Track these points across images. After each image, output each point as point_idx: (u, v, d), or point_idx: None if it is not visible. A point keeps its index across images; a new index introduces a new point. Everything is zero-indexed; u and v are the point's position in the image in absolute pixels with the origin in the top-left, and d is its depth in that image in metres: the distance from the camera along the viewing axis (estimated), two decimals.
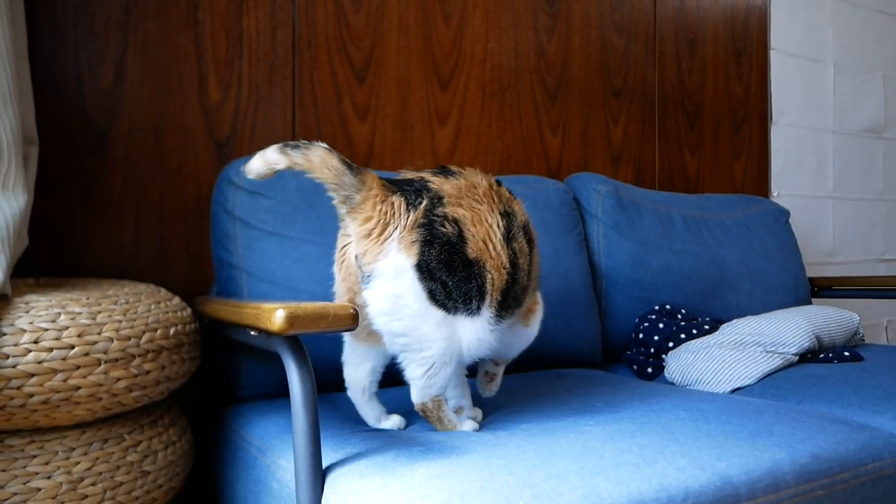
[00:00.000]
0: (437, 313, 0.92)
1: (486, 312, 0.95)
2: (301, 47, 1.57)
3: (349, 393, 1.05)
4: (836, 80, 2.67)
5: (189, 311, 1.15)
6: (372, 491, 0.76)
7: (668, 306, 1.70)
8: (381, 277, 0.90)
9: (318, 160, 0.90)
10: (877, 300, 2.76)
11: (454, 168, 1.00)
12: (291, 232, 1.29)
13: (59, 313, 0.94)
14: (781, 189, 2.51)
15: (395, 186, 0.94)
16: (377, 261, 0.90)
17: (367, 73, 1.66)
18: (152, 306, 1.06)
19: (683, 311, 1.71)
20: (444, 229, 0.91)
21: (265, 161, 0.92)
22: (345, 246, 0.96)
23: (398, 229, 0.90)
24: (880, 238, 2.83)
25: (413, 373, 0.94)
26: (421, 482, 0.75)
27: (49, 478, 0.93)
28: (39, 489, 0.92)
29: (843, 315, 1.65)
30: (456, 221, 0.93)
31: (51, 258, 1.32)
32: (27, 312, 0.93)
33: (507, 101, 1.88)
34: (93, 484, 0.96)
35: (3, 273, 0.96)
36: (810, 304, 2.05)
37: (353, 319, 0.81)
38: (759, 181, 2.46)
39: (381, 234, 0.90)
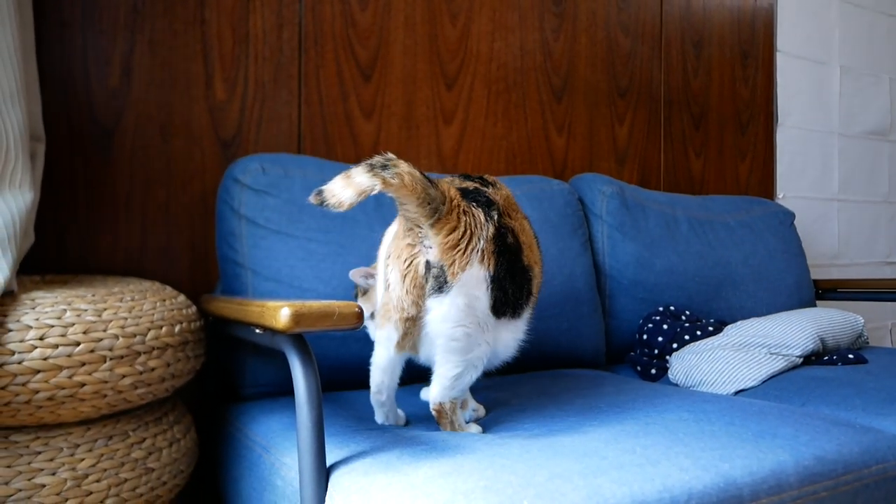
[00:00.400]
0: (492, 320, 0.94)
1: (526, 314, 0.99)
2: (307, 46, 1.58)
3: (379, 397, 1.01)
4: (842, 82, 2.66)
5: (194, 308, 1.16)
6: (376, 489, 0.76)
7: (672, 307, 1.70)
8: (462, 287, 0.90)
9: (409, 178, 0.85)
10: (881, 303, 2.75)
11: (489, 178, 1.02)
12: (297, 231, 1.29)
13: (65, 310, 0.94)
14: (786, 191, 2.50)
15: (467, 197, 0.93)
16: (464, 271, 0.90)
17: (374, 71, 1.66)
18: (157, 304, 1.06)
19: (687, 312, 1.71)
20: (509, 240, 0.94)
21: (357, 188, 0.83)
22: (411, 256, 0.93)
23: (481, 240, 0.91)
24: (885, 240, 2.82)
25: (447, 373, 0.95)
26: (425, 481, 0.76)
27: (53, 474, 0.94)
28: (44, 485, 0.93)
29: (848, 317, 1.65)
30: (512, 231, 0.96)
31: (57, 255, 1.33)
32: (33, 309, 0.93)
33: (513, 100, 1.88)
34: (97, 480, 0.96)
35: (9, 270, 0.96)
36: (815, 306, 2.04)
37: (357, 318, 0.81)
38: (764, 183, 2.45)
39: (468, 244, 0.90)
